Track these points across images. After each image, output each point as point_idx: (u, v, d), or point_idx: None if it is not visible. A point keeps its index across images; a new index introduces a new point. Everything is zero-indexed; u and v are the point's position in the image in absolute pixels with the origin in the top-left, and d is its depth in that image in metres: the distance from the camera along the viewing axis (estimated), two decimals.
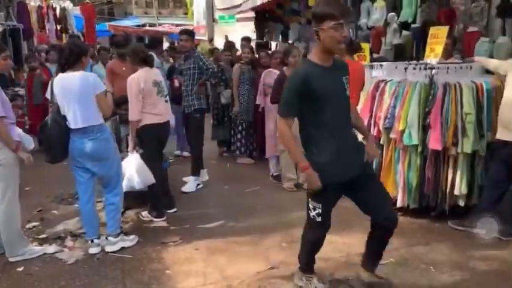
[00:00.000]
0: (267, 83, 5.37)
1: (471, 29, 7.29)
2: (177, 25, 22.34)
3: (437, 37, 4.34)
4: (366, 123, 4.33)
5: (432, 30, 4.47)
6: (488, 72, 4.24)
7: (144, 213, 4.34)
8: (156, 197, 4.28)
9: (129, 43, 5.53)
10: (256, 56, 6.89)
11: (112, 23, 21.54)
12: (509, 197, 3.73)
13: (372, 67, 4.65)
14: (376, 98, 4.25)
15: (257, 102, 5.63)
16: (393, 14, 9.08)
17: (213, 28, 18.95)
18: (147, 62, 4.11)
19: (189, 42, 5.05)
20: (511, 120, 3.55)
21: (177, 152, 6.69)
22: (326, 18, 2.25)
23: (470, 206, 4.02)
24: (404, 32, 8.96)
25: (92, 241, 3.63)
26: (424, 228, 3.95)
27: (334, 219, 4.15)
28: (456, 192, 3.92)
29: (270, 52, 6.83)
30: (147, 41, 15.82)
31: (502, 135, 3.64)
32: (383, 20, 9.40)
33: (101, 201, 4.12)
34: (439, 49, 4.29)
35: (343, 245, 3.61)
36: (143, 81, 3.98)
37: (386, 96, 4.14)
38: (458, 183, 3.90)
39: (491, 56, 6.83)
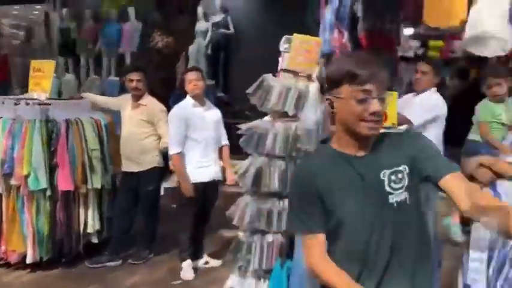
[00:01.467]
0: None
1: None
2: None
3: (43, 71, 4.06)
4: None
5: (34, 63, 4.13)
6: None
7: None
8: None
9: None
10: None
11: None
12: (137, 223, 4.06)
13: None
14: None
15: None
16: None
17: None
18: None
19: None
20: (132, 153, 3.87)
21: None
22: (343, 81, 1.33)
23: (102, 240, 4.04)
24: None
25: None
26: (63, 277, 3.62)
27: None
28: (89, 230, 3.90)
29: None
30: None
31: (127, 167, 3.91)
32: None
33: None
34: (47, 84, 4.02)
35: None
36: None
37: (1, 137, 3.48)
38: (91, 221, 3.90)
39: (59, 92, 7.13)
